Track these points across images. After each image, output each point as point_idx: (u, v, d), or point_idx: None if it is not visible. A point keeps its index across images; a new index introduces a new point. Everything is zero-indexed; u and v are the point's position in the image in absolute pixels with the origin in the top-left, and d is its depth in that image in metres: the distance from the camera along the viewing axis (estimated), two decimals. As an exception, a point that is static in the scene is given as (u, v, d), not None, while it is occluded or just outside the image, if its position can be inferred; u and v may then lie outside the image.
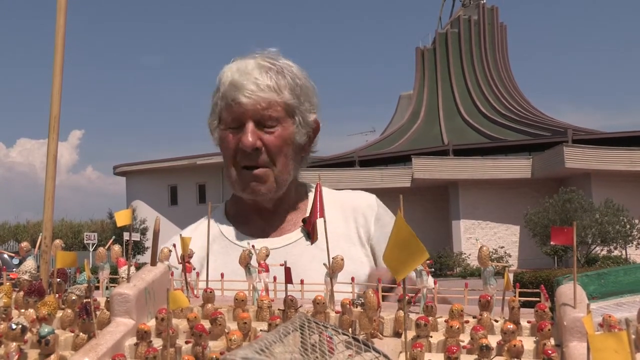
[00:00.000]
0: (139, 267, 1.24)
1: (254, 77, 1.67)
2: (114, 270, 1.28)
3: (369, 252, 1.83)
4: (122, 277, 1.20)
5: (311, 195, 1.90)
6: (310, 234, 1.75)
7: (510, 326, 1.02)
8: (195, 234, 1.53)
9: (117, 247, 1.29)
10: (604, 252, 27.52)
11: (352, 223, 1.86)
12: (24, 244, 1.34)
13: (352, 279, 1.27)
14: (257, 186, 1.73)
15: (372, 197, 1.96)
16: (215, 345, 1.04)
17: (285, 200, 1.85)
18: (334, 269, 1.22)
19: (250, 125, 1.68)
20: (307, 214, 1.83)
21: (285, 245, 1.76)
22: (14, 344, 0.99)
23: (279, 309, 1.16)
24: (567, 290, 1.08)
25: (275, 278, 1.29)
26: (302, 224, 1.81)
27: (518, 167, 34.01)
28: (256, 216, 1.84)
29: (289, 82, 1.73)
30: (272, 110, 1.69)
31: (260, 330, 1.09)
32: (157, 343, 1.04)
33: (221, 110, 1.74)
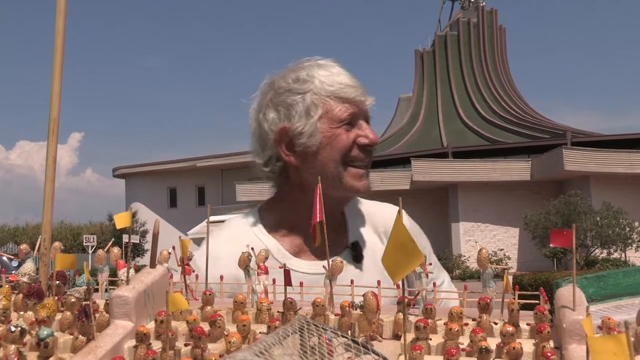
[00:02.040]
0: (138, 269, 1.24)
1: (355, 79, 1.75)
2: (113, 273, 1.28)
3: None
4: (122, 280, 1.20)
5: (347, 213, 1.87)
6: (358, 257, 1.76)
7: (510, 329, 1.02)
8: (229, 246, 1.53)
9: (116, 250, 1.29)
10: (604, 255, 27.50)
11: (386, 241, 1.85)
12: (23, 247, 1.33)
13: (352, 281, 1.27)
14: (367, 183, 1.76)
15: (404, 214, 1.97)
16: (214, 348, 1.04)
17: (336, 214, 1.83)
18: (332, 271, 1.22)
19: (364, 122, 1.75)
20: (351, 235, 1.81)
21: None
22: (13, 346, 0.99)
23: (278, 311, 1.16)
24: (567, 292, 1.08)
25: (274, 280, 1.29)
26: (348, 247, 1.79)
27: (517, 170, 33.99)
28: (303, 232, 1.76)
29: None
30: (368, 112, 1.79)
31: (260, 332, 1.09)
32: (157, 345, 1.04)
33: (333, 110, 1.71)
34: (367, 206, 1.92)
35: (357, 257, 1.76)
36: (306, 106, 1.69)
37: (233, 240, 1.71)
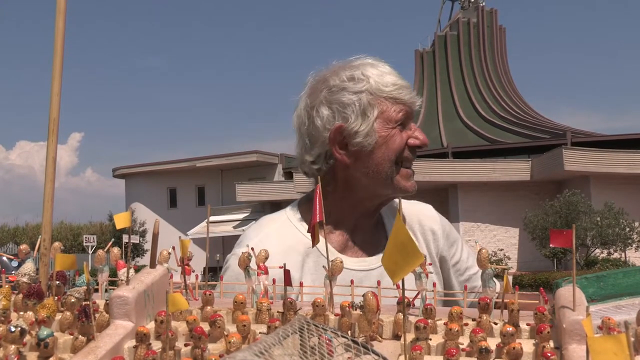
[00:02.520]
0: (138, 269, 1.24)
1: (405, 80, 1.76)
2: (113, 273, 1.28)
3: (438, 270, 1.89)
4: (122, 280, 1.20)
5: (383, 212, 1.89)
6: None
7: (510, 329, 1.02)
8: (279, 248, 1.52)
9: (116, 250, 1.29)
10: (604, 255, 27.50)
11: (422, 241, 1.88)
12: (23, 247, 1.33)
13: (352, 281, 1.27)
14: (415, 183, 1.79)
15: (432, 209, 2.00)
16: (214, 348, 1.04)
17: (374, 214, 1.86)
18: (333, 271, 1.22)
19: (414, 124, 1.77)
20: (388, 234, 1.81)
21: (371, 269, 1.74)
22: (13, 346, 0.99)
23: (278, 312, 1.16)
24: (567, 292, 1.08)
25: (274, 280, 1.29)
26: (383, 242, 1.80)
27: (517, 170, 33.98)
28: (349, 229, 1.79)
29: None
30: None
31: (260, 332, 1.09)
32: (157, 345, 1.04)
33: (387, 111, 1.72)
34: (404, 202, 1.93)
35: None
36: (362, 106, 1.70)
37: (279, 237, 1.73)
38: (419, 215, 1.93)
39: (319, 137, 1.74)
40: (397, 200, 1.91)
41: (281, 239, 1.71)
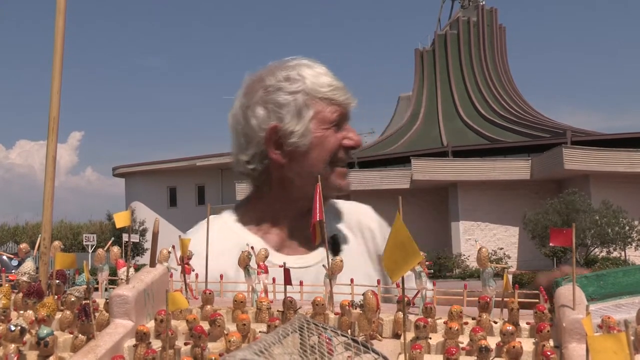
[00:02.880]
0: (138, 268, 1.24)
1: (341, 82, 1.79)
2: (113, 272, 1.28)
3: (377, 267, 1.89)
4: (121, 279, 1.20)
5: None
6: (336, 250, 1.80)
7: (510, 327, 1.02)
8: (218, 246, 1.49)
9: (116, 249, 1.29)
10: (603, 254, 27.52)
11: (360, 238, 1.90)
12: (23, 246, 1.33)
13: (352, 280, 1.27)
14: (349, 182, 1.82)
15: (371, 210, 2.02)
16: (214, 347, 1.04)
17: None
18: (333, 270, 1.22)
19: (349, 126, 1.80)
20: (327, 230, 1.83)
21: (316, 264, 1.75)
22: (13, 345, 0.99)
23: (278, 311, 1.16)
24: (566, 291, 1.08)
25: (274, 279, 1.29)
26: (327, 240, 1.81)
27: (517, 169, 33.99)
28: (286, 228, 1.81)
29: None
30: None
31: (260, 331, 1.09)
32: (156, 344, 1.04)
33: (322, 112, 1.73)
34: (339, 205, 1.97)
35: (335, 249, 1.81)
36: (298, 106, 1.71)
37: (216, 239, 1.68)
38: (358, 215, 1.96)
39: (254, 136, 1.75)
40: (335, 200, 1.96)
41: (217, 241, 1.66)
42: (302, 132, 1.71)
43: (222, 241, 1.64)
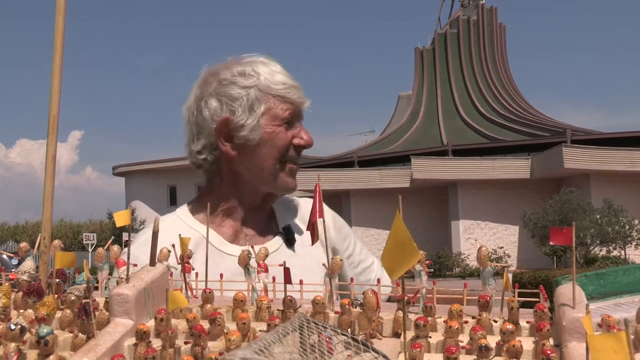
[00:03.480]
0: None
1: (295, 81, 1.81)
2: (113, 271, 1.28)
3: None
4: (121, 278, 1.19)
5: (275, 206, 1.95)
6: (290, 240, 1.85)
7: (510, 326, 1.02)
8: (167, 241, 1.51)
9: (116, 248, 1.29)
10: (603, 253, 27.51)
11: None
12: (23, 245, 1.33)
13: (352, 279, 1.27)
14: (296, 181, 1.83)
15: (325, 206, 2.02)
16: (214, 346, 1.04)
17: (268, 206, 1.91)
18: (333, 269, 1.22)
19: (300, 124, 1.81)
20: (280, 223, 1.89)
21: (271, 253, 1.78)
22: (13, 344, 0.99)
23: (278, 309, 1.16)
24: (566, 290, 1.08)
25: (274, 278, 1.29)
26: (281, 232, 1.86)
27: (517, 168, 33.98)
28: (238, 220, 1.84)
29: None
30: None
31: (260, 330, 1.09)
32: (156, 343, 1.04)
33: (273, 108, 1.76)
34: (295, 200, 2.01)
35: (289, 240, 1.84)
36: (250, 101, 1.74)
37: (164, 231, 1.71)
38: (295, 210, 1.98)
39: (205, 127, 1.78)
40: (290, 197, 1.99)
41: (169, 234, 1.65)
42: (253, 126, 1.73)
43: (171, 234, 1.59)
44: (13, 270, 1.30)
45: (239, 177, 1.80)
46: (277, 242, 1.84)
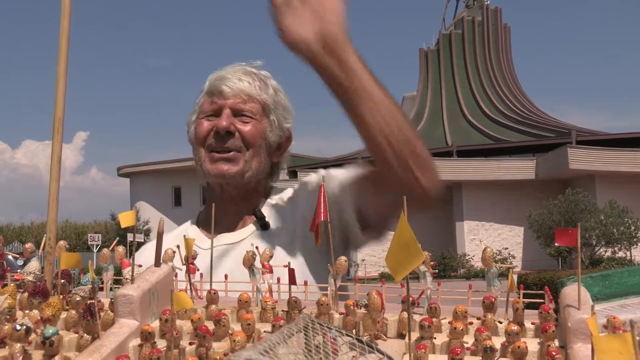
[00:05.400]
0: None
1: (239, 75, 1.84)
2: (118, 271, 1.28)
3: (300, 232, 1.83)
4: (126, 278, 1.20)
5: (273, 198, 1.97)
6: (264, 225, 1.84)
7: (514, 327, 1.02)
8: (168, 239, 1.54)
9: (121, 248, 1.30)
10: (609, 254, 27.45)
11: (289, 218, 1.88)
12: (28, 245, 1.34)
13: (356, 279, 1.27)
14: (227, 167, 1.81)
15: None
16: (219, 347, 1.04)
17: (253, 200, 1.91)
18: (337, 270, 1.22)
19: (227, 111, 1.82)
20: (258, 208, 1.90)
21: (238, 242, 1.83)
22: (18, 345, 0.99)
23: (282, 310, 1.16)
24: (572, 291, 1.08)
25: (278, 279, 1.29)
26: (254, 218, 1.87)
27: (522, 168, 33.94)
28: (218, 214, 1.83)
29: (269, 87, 1.88)
30: (250, 104, 1.83)
31: (264, 331, 1.09)
32: (161, 344, 1.04)
33: (202, 104, 1.87)
34: (286, 189, 2.02)
35: (263, 225, 1.85)
36: (195, 104, 1.90)
37: (176, 232, 1.94)
38: (282, 197, 1.97)
39: None
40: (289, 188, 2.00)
41: (174, 232, 1.94)
42: (188, 123, 1.90)
43: (175, 232, 1.92)
44: (18, 270, 1.30)
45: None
46: (248, 229, 1.87)
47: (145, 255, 1.60)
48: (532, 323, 1.09)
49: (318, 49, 1.55)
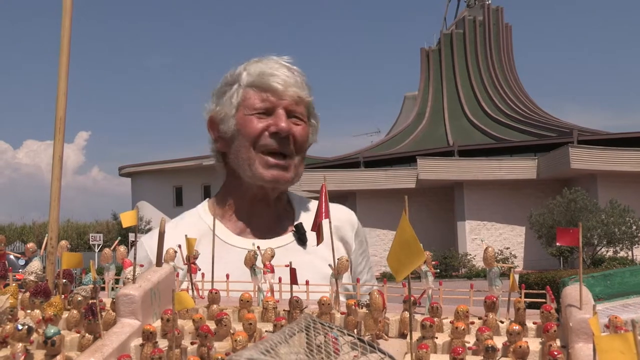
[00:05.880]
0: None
1: (284, 71, 1.76)
2: (120, 271, 1.28)
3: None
4: (128, 278, 1.20)
5: (295, 204, 1.93)
6: (302, 238, 1.80)
7: (516, 327, 1.02)
8: (175, 232, 1.55)
9: (122, 248, 1.30)
10: (610, 253, 27.41)
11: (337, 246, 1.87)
12: (30, 245, 1.34)
13: (357, 280, 1.27)
14: (281, 174, 1.75)
15: (352, 214, 1.99)
16: (220, 346, 1.04)
17: (280, 202, 1.88)
18: (339, 270, 1.22)
19: (282, 112, 1.74)
20: (297, 221, 1.86)
21: (277, 248, 1.76)
22: (20, 344, 0.99)
23: (284, 310, 1.16)
24: (573, 291, 1.08)
25: (280, 279, 1.29)
26: (293, 229, 1.83)
27: (523, 168, 33.90)
28: (245, 214, 1.83)
29: (308, 86, 1.82)
30: (300, 106, 1.78)
31: (266, 331, 1.09)
32: (163, 344, 1.04)
33: (250, 99, 1.76)
34: (314, 202, 1.96)
35: (301, 238, 1.81)
36: (231, 95, 1.78)
37: (181, 225, 1.80)
38: (337, 214, 1.83)
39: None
40: (313, 200, 1.94)
41: (181, 226, 1.78)
42: (225, 117, 1.77)
43: (183, 226, 1.76)
44: (20, 270, 1.30)
45: (234, 170, 1.81)
46: (287, 238, 1.81)
47: (150, 244, 1.61)
48: (534, 323, 1.09)
49: None
